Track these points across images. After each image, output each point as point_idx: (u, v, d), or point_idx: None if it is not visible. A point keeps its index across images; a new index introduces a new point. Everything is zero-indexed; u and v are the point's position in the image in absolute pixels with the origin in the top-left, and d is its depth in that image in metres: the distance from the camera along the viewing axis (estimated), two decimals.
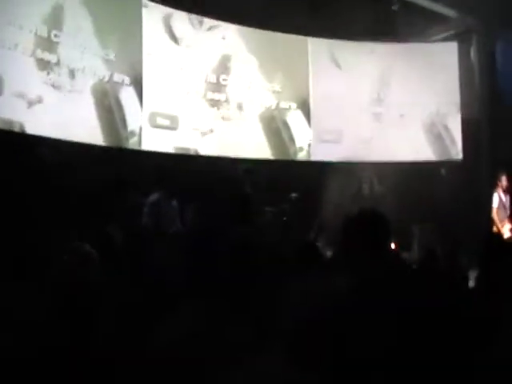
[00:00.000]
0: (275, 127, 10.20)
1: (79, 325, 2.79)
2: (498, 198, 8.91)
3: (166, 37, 9.37)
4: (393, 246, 7.99)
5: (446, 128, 11.01)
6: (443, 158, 10.89)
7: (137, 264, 4.27)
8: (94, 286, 3.32)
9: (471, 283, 4.50)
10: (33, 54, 7.66)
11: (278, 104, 10.30)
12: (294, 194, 8.94)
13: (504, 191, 8.92)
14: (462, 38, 11.18)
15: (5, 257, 3.11)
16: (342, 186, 8.88)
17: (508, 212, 8.78)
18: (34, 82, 7.64)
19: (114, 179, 7.75)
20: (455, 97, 11.01)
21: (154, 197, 7.16)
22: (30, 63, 7.63)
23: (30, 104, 7.53)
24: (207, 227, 6.22)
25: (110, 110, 8.52)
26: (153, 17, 9.21)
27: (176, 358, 2.24)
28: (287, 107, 10.35)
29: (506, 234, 8.42)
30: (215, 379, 2.12)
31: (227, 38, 9.95)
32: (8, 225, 5.78)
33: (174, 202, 7.33)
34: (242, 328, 2.35)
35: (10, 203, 6.29)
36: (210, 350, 2.20)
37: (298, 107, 10.41)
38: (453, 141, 10.96)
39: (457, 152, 10.89)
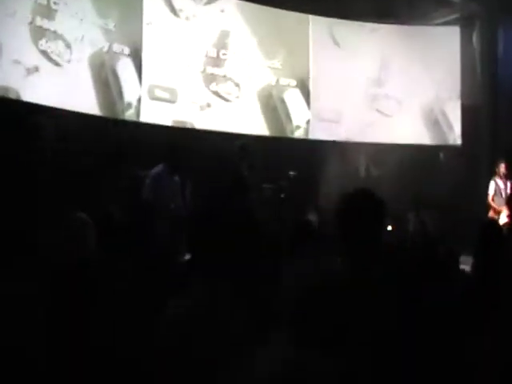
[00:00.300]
0: (273, 104, 10.13)
1: (77, 299, 2.78)
2: (494, 184, 8.92)
3: (166, 8, 9.27)
4: (389, 228, 8.04)
5: (445, 113, 10.96)
6: (441, 142, 10.87)
7: (136, 239, 4.24)
8: (91, 257, 3.31)
9: (465, 268, 4.52)
10: (32, 21, 7.56)
11: (277, 81, 10.22)
12: (291, 172, 8.91)
13: (501, 178, 8.92)
14: (464, 22, 11.08)
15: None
16: (339, 166, 8.87)
17: (505, 199, 8.80)
18: (31, 50, 7.55)
19: (111, 151, 7.70)
20: (456, 82, 10.95)
21: (155, 170, 7.04)
22: (28, 31, 7.52)
23: (28, 72, 7.45)
24: (205, 203, 6.17)
25: (106, 82, 8.44)
26: None
27: (176, 338, 2.23)
28: (286, 84, 10.27)
29: (503, 220, 8.44)
30: (217, 359, 2.11)
31: (226, 12, 9.83)
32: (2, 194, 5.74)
33: (176, 177, 7.21)
34: (242, 309, 2.34)
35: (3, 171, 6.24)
36: (211, 330, 2.19)
37: (297, 85, 10.33)
38: (451, 126, 10.91)
39: (455, 138, 10.85)
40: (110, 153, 7.71)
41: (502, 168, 8.89)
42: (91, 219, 3.63)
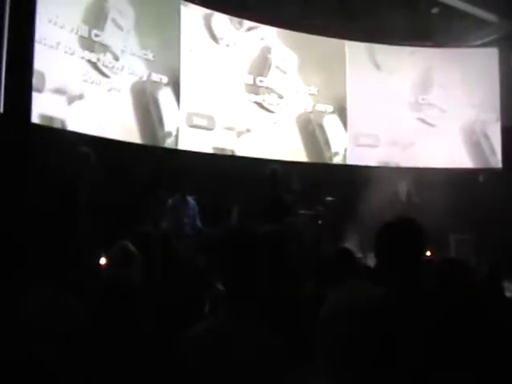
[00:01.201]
0: (311, 130, 10.17)
1: (121, 326, 2.82)
2: None
3: (207, 35, 9.42)
4: (428, 254, 7.93)
5: (486, 136, 10.85)
6: (482, 166, 10.75)
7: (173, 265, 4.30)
8: (136, 286, 3.36)
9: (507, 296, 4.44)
10: (74, 52, 7.77)
11: (314, 107, 10.26)
12: (329, 198, 8.88)
13: None
14: (502, 43, 11.00)
15: (47, 256, 3.15)
16: (378, 191, 8.79)
17: None
18: (74, 79, 7.75)
19: (151, 179, 7.82)
20: (495, 104, 10.86)
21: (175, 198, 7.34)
22: (71, 61, 7.73)
23: (71, 101, 7.65)
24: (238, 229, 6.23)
25: (147, 110, 8.58)
26: (193, 15, 9.27)
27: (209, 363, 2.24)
28: (323, 110, 10.31)
29: None
30: None
31: (266, 39, 9.96)
32: (46, 223, 5.86)
33: (192, 202, 7.45)
34: (275, 336, 2.34)
35: (48, 199, 6.37)
36: (240, 355, 2.19)
37: (335, 110, 10.36)
38: (492, 149, 10.80)
39: (496, 161, 10.74)
40: (149, 180, 7.83)
41: None
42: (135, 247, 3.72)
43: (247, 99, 9.71)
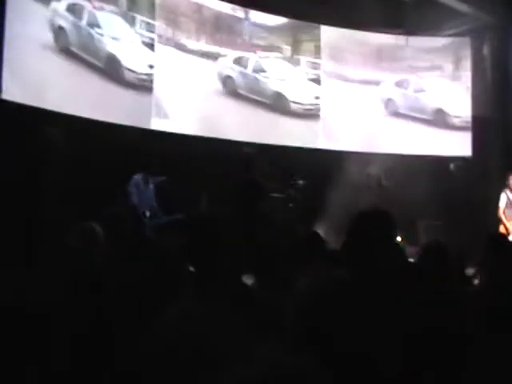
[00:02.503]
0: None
1: (86, 306, 2.82)
2: (505, 197, 8.93)
3: None
4: (398, 239, 8.04)
5: (456, 124, 10.99)
6: (452, 154, 10.87)
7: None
8: (100, 267, 3.35)
9: (472, 281, 4.53)
10: None
11: None
12: (300, 181, 8.92)
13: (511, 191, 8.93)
14: (475, 33, 11.10)
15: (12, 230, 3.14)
16: (349, 176, 8.87)
17: None
18: None
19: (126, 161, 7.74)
20: (466, 93, 10.99)
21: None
22: None
23: None
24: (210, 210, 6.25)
25: None
26: None
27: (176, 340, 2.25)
28: None
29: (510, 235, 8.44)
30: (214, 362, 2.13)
31: None
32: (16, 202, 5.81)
33: (152, 185, 7.45)
34: (242, 318, 2.36)
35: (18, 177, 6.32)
36: (209, 336, 2.21)
37: None
38: (462, 137, 10.93)
39: (466, 149, 10.86)
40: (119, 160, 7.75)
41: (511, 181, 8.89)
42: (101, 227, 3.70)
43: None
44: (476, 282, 4.13)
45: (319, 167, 9.33)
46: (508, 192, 8.91)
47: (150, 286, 3.59)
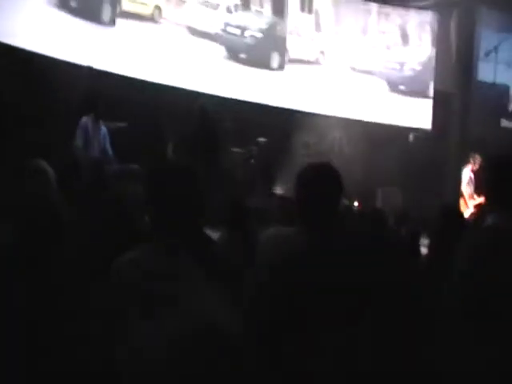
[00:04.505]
0: None
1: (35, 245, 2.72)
2: (467, 174, 9.07)
3: None
4: (356, 204, 8.09)
5: (417, 96, 11.02)
6: (412, 125, 10.91)
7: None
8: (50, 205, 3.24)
9: (422, 251, 4.59)
10: None
11: None
12: (261, 139, 8.84)
13: (473, 169, 9.06)
14: (441, 9, 11.14)
15: None
16: (310, 137, 8.83)
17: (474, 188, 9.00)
18: None
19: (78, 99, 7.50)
20: (430, 66, 11.05)
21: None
22: None
23: None
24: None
25: None
26: None
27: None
28: None
29: (471, 209, 8.63)
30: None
31: None
32: None
33: (103, 129, 7.26)
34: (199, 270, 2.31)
35: None
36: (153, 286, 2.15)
37: None
38: (423, 110, 10.97)
39: (426, 121, 10.92)
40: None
41: (474, 160, 9.04)
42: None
43: None
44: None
45: (282, 126, 9.25)
46: (469, 170, 9.08)
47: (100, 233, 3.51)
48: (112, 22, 8.79)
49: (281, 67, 10.27)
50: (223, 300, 1.91)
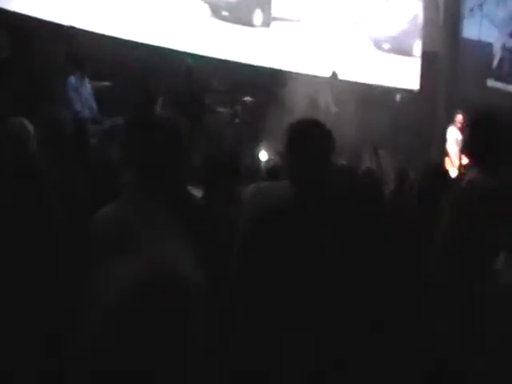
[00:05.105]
0: None
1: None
2: (453, 133, 9.04)
3: None
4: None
5: (405, 56, 10.95)
6: (400, 85, 10.86)
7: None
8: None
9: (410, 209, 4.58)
10: None
11: None
12: (248, 98, 8.76)
13: (458, 128, 9.03)
14: None
15: None
16: (297, 96, 8.75)
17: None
18: None
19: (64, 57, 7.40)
20: (417, 26, 10.97)
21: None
22: None
23: None
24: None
25: None
26: None
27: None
28: None
29: (456, 168, 8.63)
30: None
31: None
32: None
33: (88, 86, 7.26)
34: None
35: None
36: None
37: None
38: (411, 70, 10.92)
39: (414, 82, 10.88)
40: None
41: (459, 119, 8.97)
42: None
43: None
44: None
45: (269, 86, 9.15)
46: (455, 129, 9.04)
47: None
48: None
49: (265, 25, 10.12)
50: (193, 250, 1.89)
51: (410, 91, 10.81)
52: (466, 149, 3.34)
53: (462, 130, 8.87)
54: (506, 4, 11.50)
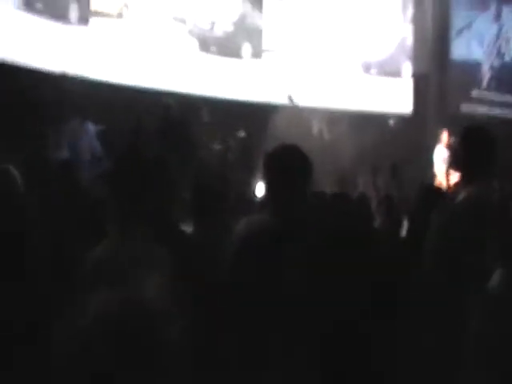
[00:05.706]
0: None
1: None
2: (440, 152, 9.00)
3: None
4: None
5: (396, 80, 11.00)
6: (392, 110, 10.88)
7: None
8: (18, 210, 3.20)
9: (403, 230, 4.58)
10: None
11: None
12: (241, 133, 8.78)
13: (445, 146, 8.99)
14: None
15: None
16: (291, 129, 8.78)
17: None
18: None
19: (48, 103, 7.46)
20: (407, 50, 11.05)
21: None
22: None
23: None
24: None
25: None
26: None
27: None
28: None
29: (448, 185, 8.56)
30: None
31: None
32: None
33: (91, 128, 7.34)
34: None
35: None
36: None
37: None
38: (403, 94, 10.94)
39: (406, 106, 10.90)
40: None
41: (445, 136, 8.92)
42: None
43: None
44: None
45: (261, 120, 9.18)
46: (443, 147, 8.97)
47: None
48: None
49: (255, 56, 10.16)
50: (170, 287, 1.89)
51: (401, 116, 10.84)
52: (458, 163, 3.30)
53: (448, 146, 8.81)
54: (494, 24, 11.64)
